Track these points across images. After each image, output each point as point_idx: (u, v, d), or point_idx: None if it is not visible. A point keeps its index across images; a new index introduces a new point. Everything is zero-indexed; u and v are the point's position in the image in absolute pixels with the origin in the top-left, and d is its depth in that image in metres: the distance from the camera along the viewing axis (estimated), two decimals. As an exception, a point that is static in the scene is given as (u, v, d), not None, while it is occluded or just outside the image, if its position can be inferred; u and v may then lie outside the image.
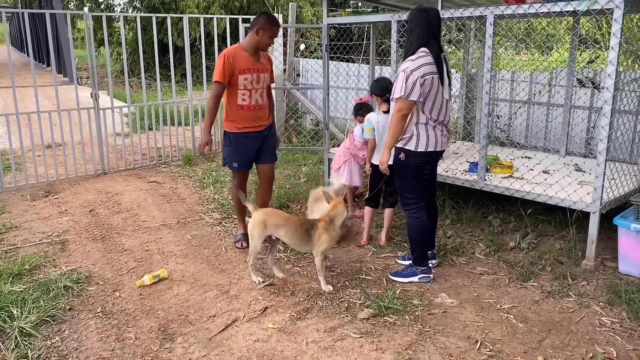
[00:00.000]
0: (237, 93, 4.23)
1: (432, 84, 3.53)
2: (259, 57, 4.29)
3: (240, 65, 4.16)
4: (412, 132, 3.67)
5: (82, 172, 6.84)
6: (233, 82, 4.18)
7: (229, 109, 4.30)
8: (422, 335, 3.22)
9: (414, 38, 3.59)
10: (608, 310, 3.46)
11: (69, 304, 3.63)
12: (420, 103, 3.58)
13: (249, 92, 4.25)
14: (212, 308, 3.59)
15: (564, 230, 4.54)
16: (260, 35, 4.14)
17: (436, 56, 3.54)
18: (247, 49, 4.22)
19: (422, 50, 3.55)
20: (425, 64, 3.50)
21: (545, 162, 5.09)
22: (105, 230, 4.99)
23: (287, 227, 3.75)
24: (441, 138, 3.73)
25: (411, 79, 3.48)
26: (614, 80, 3.64)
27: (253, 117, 4.34)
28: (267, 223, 3.77)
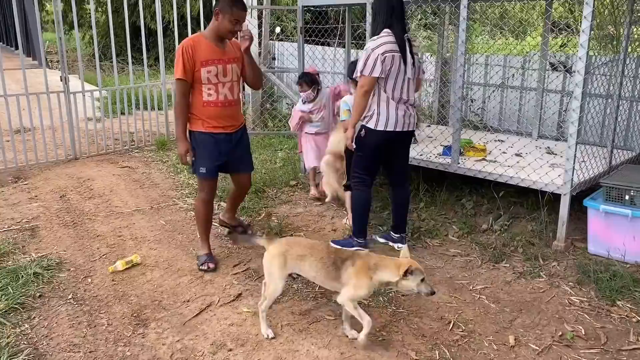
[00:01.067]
0: (201, 88, 3.67)
1: (393, 62, 3.62)
2: (225, 46, 3.69)
3: (202, 56, 3.59)
4: (373, 111, 3.76)
5: (52, 158, 6.69)
6: (196, 77, 3.63)
7: (193, 106, 3.73)
8: (395, 316, 3.25)
9: (379, 22, 3.71)
10: (577, 289, 3.54)
11: (39, 291, 3.56)
12: (382, 81, 3.67)
13: (215, 87, 3.68)
14: (186, 293, 3.57)
15: (535, 212, 4.61)
16: (219, 20, 3.55)
17: (399, 36, 3.64)
18: (210, 37, 3.64)
19: (385, 31, 3.67)
20: (386, 42, 3.61)
21: (517, 145, 5.15)
22: (76, 216, 4.90)
23: (313, 258, 2.98)
24: (403, 118, 3.78)
25: (372, 56, 3.59)
26: (585, 63, 3.68)
27: (222, 115, 3.75)
28: (287, 256, 3.01)
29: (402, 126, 3.79)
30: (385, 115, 3.73)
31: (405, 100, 3.76)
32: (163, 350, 2.96)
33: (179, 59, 3.59)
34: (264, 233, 3.32)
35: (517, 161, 4.67)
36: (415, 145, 5.09)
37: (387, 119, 3.73)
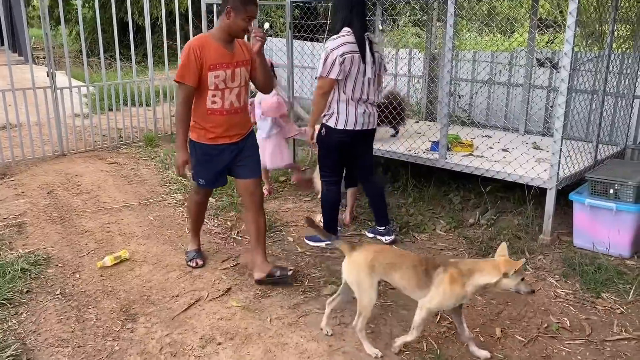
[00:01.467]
0: (206, 94, 3.34)
1: (352, 63, 3.64)
2: (234, 47, 3.37)
3: (210, 59, 3.27)
4: (333, 110, 3.80)
5: (39, 154, 6.64)
6: (201, 81, 3.30)
7: (196, 113, 3.40)
8: (384, 309, 3.28)
9: (338, 18, 3.73)
10: (563, 282, 3.59)
11: (27, 286, 3.55)
12: (341, 82, 3.71)
13: (222, 93, 3.36)
14: (175, 288, 3.57)
15: (522, 206, 4.66)
16: (232, 18, 3.24)
17: (359, 35, 3.64)
18: (219, 38, 3.32)
19: (345, 30, 3.68)
20: (345, 42, 3.63)
21: (504, 141, 5.19)
22: (64, 212, 4.87)
23: (405, 267, 2.78)
24: (363, 117, 3.83)
25: (330, 57, 3.62)
26: (571, 59, 3.73)
27: (227, 124, 3.43)
28: (375, 264, 2.79)
29: (362, 125, 3.84)
30: (345, 114, 3.77)
31: (365, 100, 3.81)
32: (152, 344, 2.97)
33: (185, 60, 3.25)
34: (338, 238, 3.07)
35: (504, 156, 4.71)
36: (405, 140, 5.11)
37: (347, 118, 3.77)
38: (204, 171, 3.55)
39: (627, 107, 4.94)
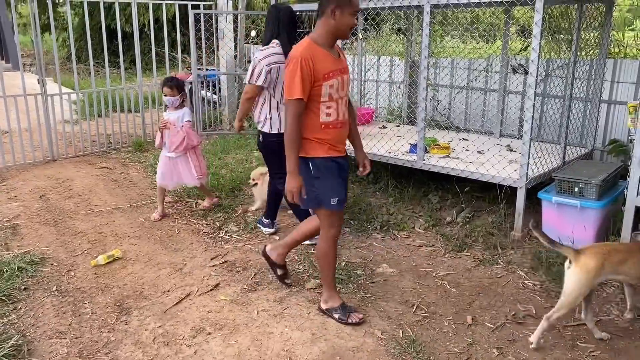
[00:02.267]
0: (318, 107, 3.00)
1: (278, 72, 3.90)
2: (335, 52, 3.08)
3: (323, 67, 2.95)
4: (266, 116, 4.04)
5: (30, 159, 6.78)
6: (313, 93, 2.96)
7: (308, 129, 3.03)
8: (364, 301, 3.50)
9: (267, 32, 4.05)
10: (531, 274, 3.83)
11: (24, 284, 3.72)
12: (270, 89, 3.98)
13: (336, 104, 3.05)
14: (166, 284, 3.76)
15: (495, 205, 4.91)
16: (337, 17, 2.93)
17: (285, 47, 3.89)
18: (323, 43, 3.00)
19: (274, 42, 3.97)
20: (272, 54, 3.90)
21: (480, 143, 5.45)
22: (57, 215, 5.03)
23: (635, 259, 2.92)
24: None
25: (258, 67, 3.90)
26: (537, 66, 3.99)
27: (341, 137, 3.17)
28: (606, 265, 2.86)
29: None
30: (277, 120, 4.02)
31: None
32: (146, 335, 3.15)
33: (297, 73, 2.88)
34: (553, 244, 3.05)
35: (478, 157, 4.96)
36: (385, 143, 5.34)
37: (279, 123, 4.02)
38: (333, 189, 3.11)
39: (594, 111, 5.22)
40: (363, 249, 4.27)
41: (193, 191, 5.58)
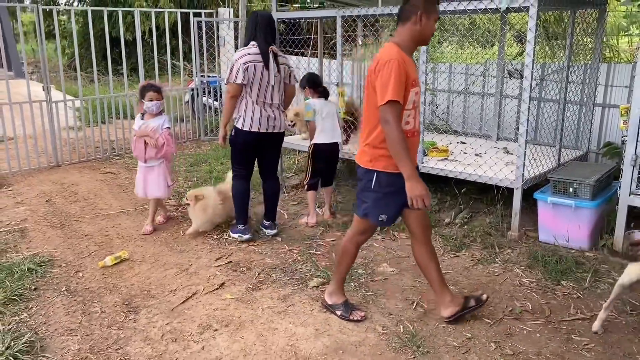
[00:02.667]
0: (401, 114, 2.88)
1: (255, 70, 4.16)
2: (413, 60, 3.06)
3: (412, 73, 2.90)
4: (241, 113, 4.29)
5: (35, 165, 6.89)
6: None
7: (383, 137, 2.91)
8: (365, 298, 3.60)
9: (247, 35, 4.34)
10: (528, 272, 3.94)
11: (34, 284, 3.82)
12: (247, 87, 4.21)
13: (414, 112, 2.99)
14: (172, 284, 3.86)
15: (493, 206, 5.02)
16: (423, 23, 2.88)
17: (262, 48, 4.19)
18: (406, 49, 2.94)
19: (252, 44, 4.24)
20: (249, 53, 4.18)
21: (478, 146, 5.57)
22: (63, 218, 5.14)
23: None
24: (267, 121, 4.31)
25: (236, 66, 4.14)
26: (531, 70, 4.11)
27: (413, 147, 3.06)
28: None
29: (266, 128, 4.33)
30: (250, 117, 4.25)
31: (269, 104, 4.30)
32: (154, 332, 3.25)
33: (392, 75, 2.77)
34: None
35: (476, 160, 5.08)
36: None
37: (252, 120, 4.25)
38: (389, 206, 3.08)
39: (588, 114, 5.34)
40: (364, 249, 4.36)
41: (196, 195, 5.69)
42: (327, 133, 4.83)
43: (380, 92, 2.81)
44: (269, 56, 4.21)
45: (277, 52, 4.31)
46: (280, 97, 4.39)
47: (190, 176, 6.53)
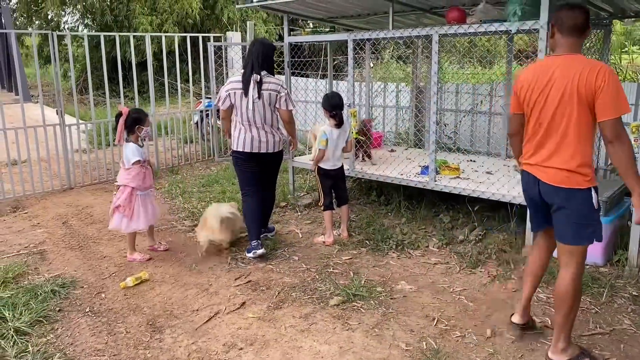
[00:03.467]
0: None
1: (235, 96, 4.55)
2: None
3: None
4: (233, 134, 4.68)
5: (48, 187, 6.97)
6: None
7: (590, 154, 2.86)
8: (386, 316, 3.65)
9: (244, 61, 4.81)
10: (544, 288, 3.99)
11: (58, 305, 3.87)
12: (234, 111, 4.62)
13: None
14: (194, 303, 3.91)
15: (506, 223, 5.09)
16: (555, 35, 2.92)
17: (245, 76, 4.52)
18: None
19: (239, 72, 4.67)
20: (232, 81, 4.60)
21: (488, 164, 5.66)
22: (81, 240, 5.20)
23: None
24: (252, 142, 4.59)
25: (221, 93, 4.61)
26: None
27: None
28: None
29: (252, 148, 4.61)
30: (237, 138, 4.63)
31: (255, 127, 4.59)
32: (180, 351, 3.30)
33: (619, 85, 2.70)
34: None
35: (488, 178, 5.16)
36: (397, 165, 5.55)
37: (238, 141, 4.62)
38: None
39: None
40: (381, 268, 4.43)
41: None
42: (331, 161, 4.95)
43: (614, 104, 2.65)
44: (249, 84, 4.49)
45: (264, 80, 4.51)
46: (268, 120, 4.61)
47: (204, 197, 6.60)
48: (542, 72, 2.88)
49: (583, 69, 2.72)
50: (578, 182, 2.81)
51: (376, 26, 6.81)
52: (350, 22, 6.79)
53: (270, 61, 4.63)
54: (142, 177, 4.60)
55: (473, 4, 5.18)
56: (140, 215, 4.61)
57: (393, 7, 5.24)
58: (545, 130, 2.89)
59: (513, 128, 3.21)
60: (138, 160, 4.57)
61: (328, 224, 5.00)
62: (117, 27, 16.82)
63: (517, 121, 3.14)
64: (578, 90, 2.72)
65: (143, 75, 11.59)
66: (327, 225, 5.01)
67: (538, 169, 2.94)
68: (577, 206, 2.83)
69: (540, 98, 2.88)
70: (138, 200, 4.61)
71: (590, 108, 2.72)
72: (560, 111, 2.80)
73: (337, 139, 4.90)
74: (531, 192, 3.04)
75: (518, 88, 3.05)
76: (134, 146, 4.60)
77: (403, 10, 5.96)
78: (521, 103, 3.04)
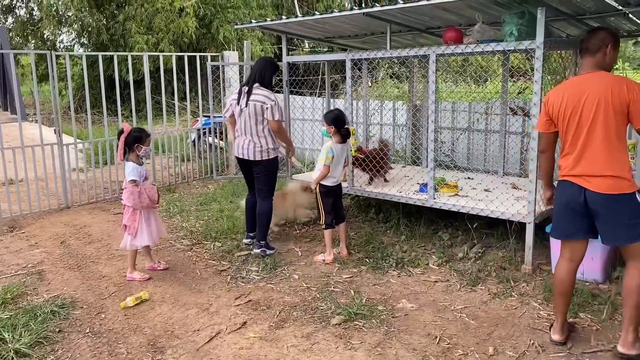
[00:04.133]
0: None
1: (232, 107, 5.13)
2: None
3: None
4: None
5: (45, 207, 6.95)
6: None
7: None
8: (388, 335, 3.64)
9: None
10: (545, 305, 4.00)
11: (58, 326, 3.84)
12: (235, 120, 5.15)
13: None
14: (195, 323, 3.89)
15: (505, 240, 5.11)
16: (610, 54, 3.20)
17: (242, 88, 5.06)
18: None
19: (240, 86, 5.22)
20: (233, 93, 5.20)
21: (485, 182, 5.70)
22: (80, 260, 5.18)
23: None
24: (240, 148, 5.10)
25: (227, 103, 5.22)
26: (539, 108, 4.27)
27: None
28: None
29: (238, 153, 5.14)
30: (235, 145, 5.17)
31: (243, 134, 5.06)
32: (182, 372, 3.28)
33: None
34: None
35: (486, 195, 5.19)
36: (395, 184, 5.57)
37: (235, 147, 5.17)
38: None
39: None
40: (381, 286, 4.43)
41: (210, 234, 5.77)
42: (333, 177, 4.95)
43: None
44: (241, 95, 5.02)
45: (253, 91, 4.96)
46: (253, 129, 5.00)
47: (202, 215, 6.60)
48: (573, 90, 3.17)
49: (613, 83, 3.03)
50: (623, 187, 3.06)
51: (372, 45, 6.89)
52: (346, 42, 6.88)
53: (267, 76, 5.01)
54: (137, 196, 4.55)
55: (469, 24, 5.27)
56: (144, 232, 4.63)
57: (390, 27, 5.31)
58: (583, 143, 3.13)
59: (544, 145, 3.48)
60: (133, 179, 4.56)
61: (328, 242, 5.00)
62: (113, 46, 16.91)
63: (549, 139, 3.42)
64: (612, 102, 3.01)
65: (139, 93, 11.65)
66: (327, 244, 5.01)
67: (584, 179, 3.15)
68: (625, 209, 3.07)
69: (574, 114, 3.14)
70: (141, 217, 4.62)
71: (624, 118, 3.03)
72: (596, 124, 3.06)
73: (341, 155, 4.93)
74: (574, 202, 3.20)
75: (549, 108, 3.28)
76: (132, 165, 4.60)
77: (400, 31, 6.04)
78: (554, 121, 3.29)
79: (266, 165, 5.08)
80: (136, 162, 4.62)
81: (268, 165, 5.09)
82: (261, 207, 5.19)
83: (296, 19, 5.52)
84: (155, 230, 4.73)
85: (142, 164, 4.69)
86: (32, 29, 19.54)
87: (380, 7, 4.90)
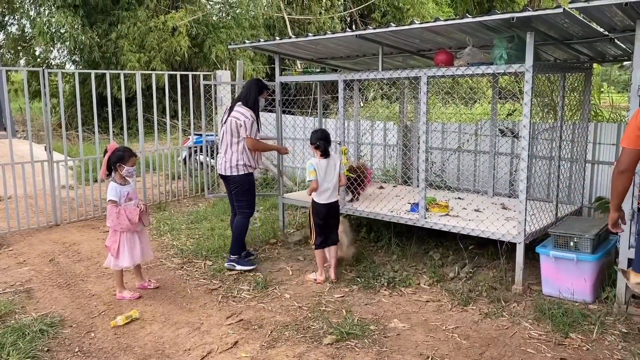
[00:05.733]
0: None
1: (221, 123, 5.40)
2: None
3: None
4: None
5: (34, 224, 6.89)
6: None
7: None
8: (380, 354, 3.64)
9: None
10: (536, 325, 4.02)
11: (46, 345, 3.80)
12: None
13: None
14: (186, 343, 3.86)
15: (495, 260, 5.15)
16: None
17: (227, 107, 5.34)
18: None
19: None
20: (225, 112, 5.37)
21: (476, 202, 5.75)
22: (69, 278, 5.13)
23: None
24: (219, 165, 5.34)
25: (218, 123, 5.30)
26: (529, 130, 4.35)
27: None
28: None
29: (218, 169, 5.38)
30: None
31: (223, 149, 5.27)
32: (173, 392, 3.25)
33: None
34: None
35: (477, 215, 5.24)
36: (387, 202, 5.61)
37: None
38: None
39: (580, 170, 5.59)
40: (373, 305, 4.44)
41: (201, 252, 5.74)
42: (325, 194, 4.92)
43: None
44: (225, 115, 5.27)
45: (234, 108, 5.20)
46: (228, 144, 5.20)
47: (192, 234, 6.58)
48: None
49: None
50: None
51: (363, 66, 6.97)
52: (338, 63, 6.96)
53: (251, 96, 5.23)
54: (115, 217, 4.51)
55: (459, 47, 5.36)
56: (126, 253, 4.58)
57: (382, 49, 5.39)
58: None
59: (628, 164, 3.14)
60: (112, 200, 4.53)
61: (319, 262, 5.00)
62: (105, 63, 16.92)
63: (635, 157, 3.12)
64: None
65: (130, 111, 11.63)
66: (318, 264, 5.01)
67: None
68: None
69: None
70: (123, 238, 4.58)
71: None
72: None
73: (326, 171, 4.90)
74: None
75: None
76: (113, 185, 4.58)
77: (391, 52, 6.13)
78: None
79: (237, 181, 5.24)
80: (120, 182, 4.59)
81: (240, 181, 5.24)
82: (236, 222, 5.33)
83: (290, 40, 5.58)
84: (139, 252, 4.67)
85: (126, 184, 4.66)
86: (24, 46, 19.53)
87: (372, 30, 4.99)
